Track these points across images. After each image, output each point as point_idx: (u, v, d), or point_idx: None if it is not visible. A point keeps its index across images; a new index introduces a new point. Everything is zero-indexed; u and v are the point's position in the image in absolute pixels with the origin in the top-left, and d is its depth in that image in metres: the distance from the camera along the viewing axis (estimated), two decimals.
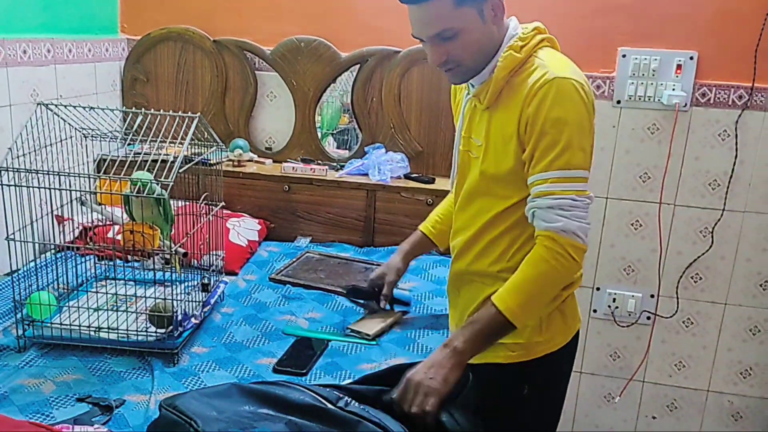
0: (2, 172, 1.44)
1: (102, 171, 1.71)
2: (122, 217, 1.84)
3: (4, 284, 1.87)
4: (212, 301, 1.78)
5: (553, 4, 2.29)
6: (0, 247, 1.57)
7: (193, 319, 1.66)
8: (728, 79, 2.26)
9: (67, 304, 1.67)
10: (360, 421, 1.11)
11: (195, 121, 1.60)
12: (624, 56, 2.29)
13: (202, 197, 1.75)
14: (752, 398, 2.51)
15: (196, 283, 1.78)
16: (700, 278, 2.44)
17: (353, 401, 1.16)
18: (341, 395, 1.17)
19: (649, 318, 2.48)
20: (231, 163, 2.41)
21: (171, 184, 1.45)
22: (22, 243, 1.55)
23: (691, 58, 2.25)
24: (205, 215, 1.80)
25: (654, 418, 2.59)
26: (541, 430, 1.54)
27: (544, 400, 1.50)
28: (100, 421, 1.31)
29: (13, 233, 1.52)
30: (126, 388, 1.45)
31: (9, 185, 1.46)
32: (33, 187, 1.50)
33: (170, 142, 1.61)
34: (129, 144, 2.27)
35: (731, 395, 2.52)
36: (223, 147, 1.84)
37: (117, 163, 1.66)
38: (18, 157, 1.48)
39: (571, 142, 1.25)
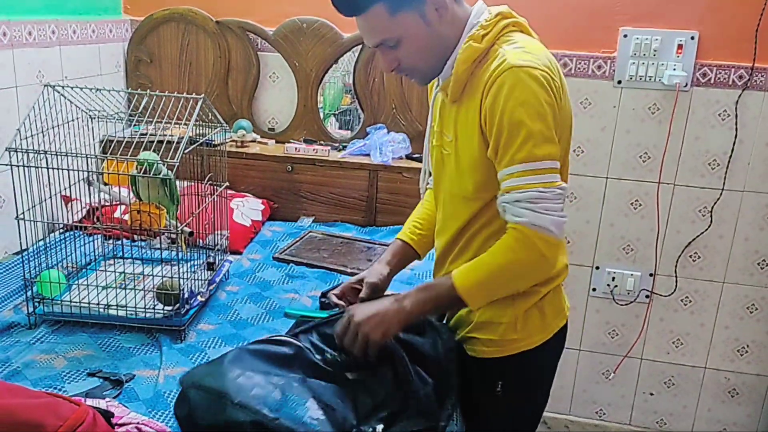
0: (11, 153, 1.46)
1: (108, 152, 1.75)
2: (129, 197, 1.87)
3: (13, 263, 1.91)
4: (217, 279, 1.82)
5: None
6: (9, 227, 1.60)
7: (199, 297, 1.69)
8: (729, 59, 2.27)
9: (76, 283, 1.71)
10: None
11: (200, 102, 1.63)
12: (625, 36, 2.30)
13: (207, 177, 1.78)
14: (749, 375, 2.55)
15: (201, 262, 1.81)
16: (699, 257, 2.46)
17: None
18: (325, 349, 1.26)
19: (647, 296, 2.52)
20: (234, 143, 2.44)
21: (177, 164, 1.48)
22: (32, 222, 1.59)
23: (692, 38, 2.26)
24: (209, 195, 1.83)
25: (651, 394, 2.64)
26: (516, 430, 1.49)
27: (520, 399, 1.44)
28: (111, 394, 1.36)
29: (23, 213, 1.55)
30: (135, 364, 1.49)
31: (18, 165, 1.49)
32: (41, 167, 1.53)
33: (175, 123, 1.64)
34: (134, 125, 2.29)
35: (728, 372, 2.56)
36: (227, 128, 1.86)
37: (123, 144, 1.69)
38: (26, 138, 1.51)
39: (532, 134, 1.17)
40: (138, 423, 1.04)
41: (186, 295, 1.62)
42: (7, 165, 1.46)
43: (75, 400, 0.78)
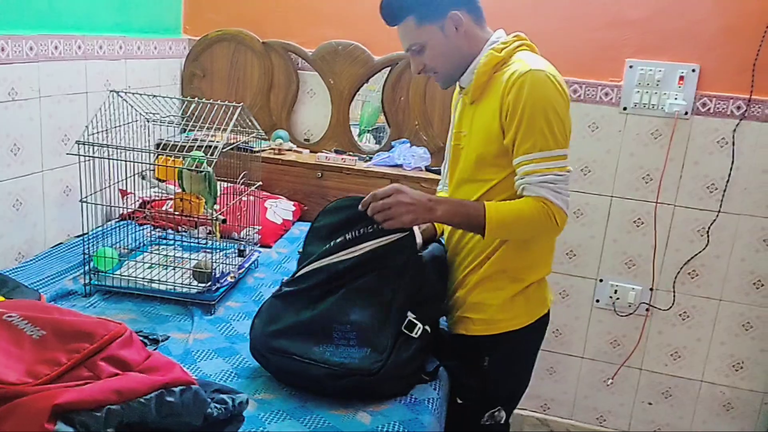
0: (79, 146, 1.76)
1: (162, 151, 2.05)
2: (175, 191, 2.16)
3: (74, 244, 2.21)
4: (246, 265, 2.08)
5: (567, 18, 2.52)
6: (73, 213, 1.90)
7: (229, 278, 1.96)
8: (728, 90, 2.45)
9: (126, 262, 2.01)
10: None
11: (238, 110, 1.91)
12: (631, 67, 2.50)
13: (241, 176, 2.05)
14: (743, 390, 2.67)
15: (233, 250, 2.09)
16: (697, 275, 2.62)
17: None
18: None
19: (647, 309, 2.68)
20: (272, 151, 2.72)
21: (215, 161, 1.76)
22: (93, 208, 1.88)
23: (693, 70, 2.44)
24: (243, 193, 2.11)
25: (650, 404, 2.78)
26: (500, 403, 1.72)
27: (504, 375, 1.69)
28: (149, 348, 1.62)
29: (86, 197, 1.85)
30: (170, 328, 1.75)
31: (85, 156, 1.78)
32: (103, 158, 1.82)
33: (222, 130, 1.93)
34: (187, 131, 2.60)
35: (723, 386, 2.69)
36: (263, 134, 2.14)
37: (175, 146, 1.99)
38: (92, 135, 1.81)
39: (551, 126, 1.44)
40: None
41: (217, 275, 1.89)
42: (76, 155, 1.76)
43: (119, 323, 1.04)
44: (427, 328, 1.54)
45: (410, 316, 1.51)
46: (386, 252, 1.52)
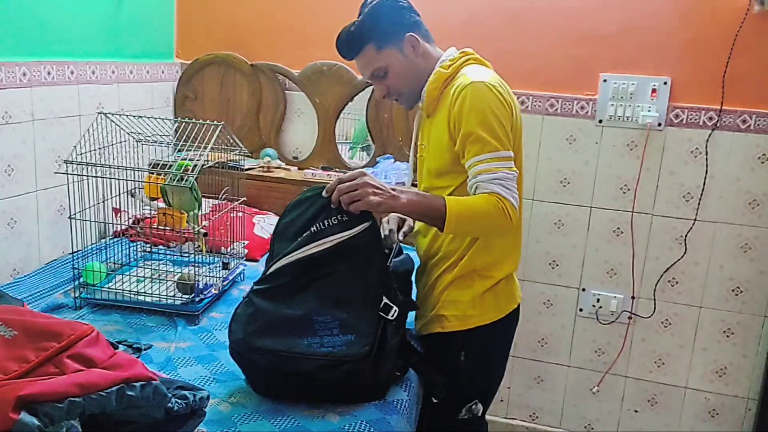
0: (66, 164, 1.86)
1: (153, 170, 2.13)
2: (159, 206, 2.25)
3: (69, 259, 2.29)
4: (230, 277, 2.16)
5: (541, 34, 2.60)
6: (67, 229, 1.99)
7: (213, 289, 2.04)
8: (699, 102, 2.52)
9: (116, 276, 2.09)
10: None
11: (218, 129, 2.00)
12: (605, 81, 2.58)
13: (223, 192, 2.14)
14: (727, 396, 2.71)
15: (218, 263, 2.17)
16: (677, 282, 2.67)
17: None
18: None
19: (629, 317, 2.73)
20: (261, 168, 2.81)
21: (196, 175, 1.85)
22: (83, 224, 1.97)
23: (665, 83, 2.52)
24: (227, 208, 2.19)
25: (636, 411, 2.82)
26: (476, 396, 1.82)
27: (479, 368, 1.79)
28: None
29: (74, 214, 1.94)
30: (154, 338, 1.82)
31: (72, 174, 1.87)
32: (89, 176, 1.91)
33: (212, 149, 2.01)
34: (178, 151, 2.69)
35: (708, 393, 2.73)
36: (246, 152, 2.23)
37: (165, 166, 2.08)
38: (80, 155, 1.90)
39: (494, 131, 1.56)
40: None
41: (200, 287, 1.97)
42: (64, 173, 1.86)
43: (85, 323, 1.12)
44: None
45: (384, 299, 1.56)
46: (354, 242, 1.56)
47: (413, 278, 1.81)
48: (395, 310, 1.55)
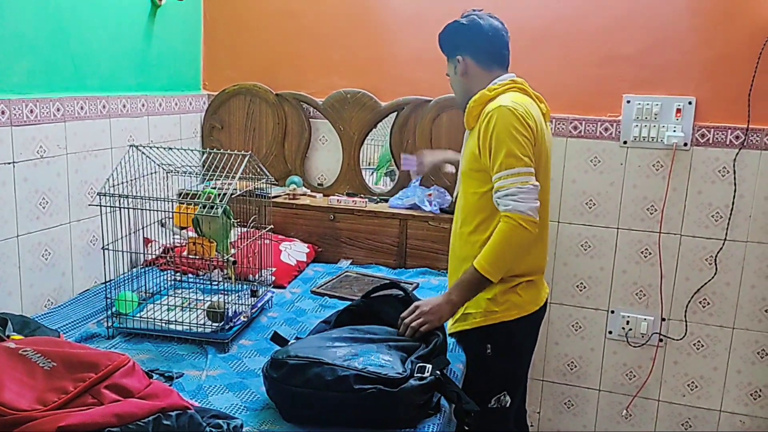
0: (100, 197, 1.90)
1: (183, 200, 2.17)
2: (189, 235, 2.28)
3: (100, 290, 2.34)
4: (259, 305, 2.18)
5: (564, 55, 2.62)
6: (100, 260, 2.03)
7: (242, 317, 2.06)
8: (725, 120, 2.50)
9: (147, 305, 2.12)
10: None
11: (246, 158, 2.03)
12: (628, 102, 2.58)
13: (251, 220, 2.17)
14: (763, 419, 2.65)
15: (247, 291, 2.19)
16: (708, 303, 2.63)
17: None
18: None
19: (661, 340, 2.69)
20: (287, 196, 2.84)
21: (225, 203, 1.88)
22: (114, 254, 2.01)
23: (690, 102, 2.51)
24: (255, 236, 2.22)
25: None
26: (504, 388, 1.97)
27: (504, 362, 1.95)
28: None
29: (107, 245, 1.98)
30: (185, 366, 1.85)
31: (105, 206, 1.92)
32: (122, 207, 1.96)
33: (240, 178, 2.05)
34: (207, 180, 2.74)
35: (743, 416, 2.67)
36: (273, 180, 2.26)
37: (194, 196, 2.12)
38: (113, 187, 1.95)
39: (511, 150, 1.76)
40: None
41: (230, 314, 2.00)
42: (97, 205, 1.90)
43: (122, 354, 1.14)
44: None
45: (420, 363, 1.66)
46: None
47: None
48: (429, 371, 1.61)
